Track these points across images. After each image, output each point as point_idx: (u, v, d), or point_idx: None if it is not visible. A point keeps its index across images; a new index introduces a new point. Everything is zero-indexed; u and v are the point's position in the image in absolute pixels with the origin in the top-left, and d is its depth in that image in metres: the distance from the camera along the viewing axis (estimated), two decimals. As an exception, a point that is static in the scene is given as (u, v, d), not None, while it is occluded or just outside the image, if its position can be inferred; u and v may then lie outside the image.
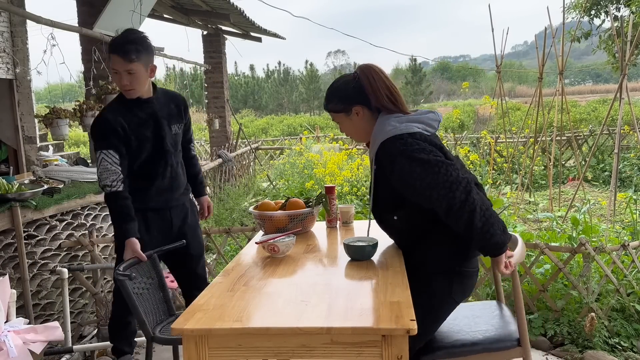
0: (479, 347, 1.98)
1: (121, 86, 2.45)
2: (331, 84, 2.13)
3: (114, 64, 2.40)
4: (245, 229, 4.21)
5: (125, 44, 2.36)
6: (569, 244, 3.89)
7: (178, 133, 2.68)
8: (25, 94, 6.61)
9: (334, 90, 2.08)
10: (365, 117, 2.03)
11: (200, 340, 1.50)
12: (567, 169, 9.15)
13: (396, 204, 1.99)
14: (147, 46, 2.44)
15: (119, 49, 2.37)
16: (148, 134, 2.53)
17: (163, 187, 2.63)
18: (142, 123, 2.52)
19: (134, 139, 2.49)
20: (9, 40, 6.36)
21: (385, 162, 1.92)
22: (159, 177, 2.61)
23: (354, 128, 2.08)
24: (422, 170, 1.83)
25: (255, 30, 9.12)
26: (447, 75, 54.16)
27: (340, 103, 2.05)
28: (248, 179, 9.09)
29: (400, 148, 1.87)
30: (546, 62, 6.49)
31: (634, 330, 3.06)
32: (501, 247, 1.84)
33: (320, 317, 1.52)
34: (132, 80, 2.41)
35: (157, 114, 2.56)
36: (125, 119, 2.47)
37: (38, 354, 2.30)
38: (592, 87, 46.50)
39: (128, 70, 2.38)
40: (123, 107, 2.51)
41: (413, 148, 1.86)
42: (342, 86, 2.06)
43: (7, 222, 2.89)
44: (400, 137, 1.89)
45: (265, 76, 47.64)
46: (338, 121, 2.11)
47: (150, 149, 2.56)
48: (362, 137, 2.11)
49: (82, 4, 4.56)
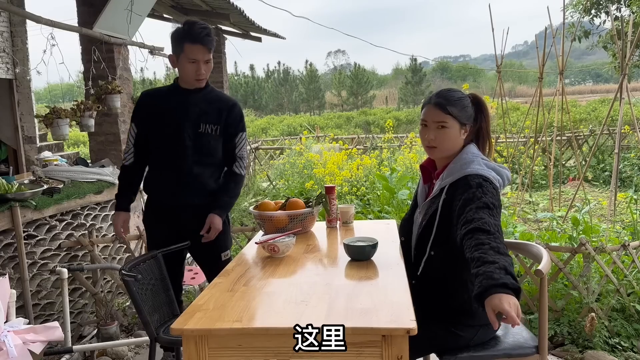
0: (501, 353, 1.97)
1: (197, 75, 2.48)
2: (453, 90, 2.06)
3: (194, 54, 2.43)
4: (245, 229, 4.20)
5: (206, 35, 2.43)
6: (569, 244, 3.89)
7: (210, 134, 2.57)
8: (25, 94, 6.60)
9: (461, 98, 2.01)
10: (463, 138, 2.02)
11: (200, 340, 1.50)
12: (567, 169, 9.15)
13: (440, 240, 1.95)
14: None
15: (201, 39, 2.42)
16: (172, 119, 2.54)
17: (172, 181, 2.58)
18: (174, 109, 2.55)
19: (157, 121, 2.56)
20: (8, 40, 6.36)
21: (461, 190, 1.89)
22: (169, 168, 2.58)
23: (456, 141, 2.01)
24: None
25: (255, 30, 9.12)
26: (447, 75, 54.17)
27: (462, 113, 1.99)
28: (248, 179, 9.09)
29: (482, 183, 1.88)
30: (546, 62, 6.49)
31: (634, 330, 3.06)
32: None
33: (320, 317, 1.51)
34: (207, 70, 2.51)
35: (190, 106, 2.55)
36: (161, 99, 2.58)
37: (38, 354, 2.30)
38: (592, 87, 46.53)
39: (207, 60, 2.48)
40: (167, 90, 2.63)
41: (489, 190, 1.87)
42: (467, 101, 2.02)
43: (7, 222, 2.89)
44: (485, 178, 1.90)
45: (265, 76, 47.69)
46: (448, 126, 1.98)
47: (168, 137, 2.55)
48: (447, 152, 2.03)
49: (82, 4, 4.56)
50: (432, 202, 2.00)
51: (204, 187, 2.60)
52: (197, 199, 2.60)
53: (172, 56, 2.53)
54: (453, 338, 1.94)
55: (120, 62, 4.76)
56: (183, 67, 2.49)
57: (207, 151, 2.58)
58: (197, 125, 2.55)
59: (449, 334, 1.94)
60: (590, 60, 50.06)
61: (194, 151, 2.55)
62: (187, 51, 2.44)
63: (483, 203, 1.80)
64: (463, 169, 1.93)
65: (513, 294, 1.52)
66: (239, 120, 2.66)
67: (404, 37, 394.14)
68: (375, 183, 6.51)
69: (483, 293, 1.53)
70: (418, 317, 1.51)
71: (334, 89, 45.32)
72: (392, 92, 45.81)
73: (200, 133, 2.56)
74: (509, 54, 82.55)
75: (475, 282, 1.58)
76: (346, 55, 68.42)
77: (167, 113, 2.55)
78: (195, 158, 2.56)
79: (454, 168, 1.97)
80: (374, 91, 44.64)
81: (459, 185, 1.90)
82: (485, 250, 1.64)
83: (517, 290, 1.53)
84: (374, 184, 6.53)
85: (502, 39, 8.64)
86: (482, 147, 2.05)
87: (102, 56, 4.47)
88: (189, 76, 2.50)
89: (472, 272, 1.62)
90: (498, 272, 1.55)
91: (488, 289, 1.53)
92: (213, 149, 2.60)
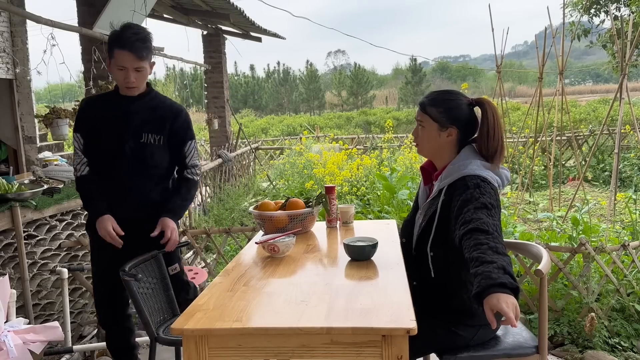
0: (501, 352, 1.98)
1: (126, 83, 2.32)
2: (445, 91, 2.05)
3: (122, 61, 2.28)
4: (245, 229, 4.21)
5: (137, 41, 2.26)
6: (569, 244, 3.89)
7: (152, 144, 2.40)
8: (25, 94, 6.61)
9: (447, 100, 2.00)
10: (451, 141, 2.00)
11: (200, 340, 1.50)
12: (567, 169, 9.15)
13: (439, 241, 1.95)
14: (152, 43, 2.38)
15: (130, 45, 2.25)
16: (112, 129, 2.38)
17: (112, 193, 2.41)
18: (113, 118, 2.38)
19: (98, 131, 2.39)
20: (9, 40, 6.36)
21: (459, 191, 1.88)
22: (108, 179, 2.42)
23: (435, 143, 2.01)
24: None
25: (255, 30, 9.12)
26: (447, 75, 54.17)
27: (444, 115, 1.97)
28: (248, 179, 9.09)
29: (480, 184, 1.87)
30: (546, 62, 6.49)
31: (634, 330, 3.06)
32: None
33: (320, 317, 1.51)
34: (138, 78, 2.34)
35: (131, 114, 2.39)
36: (102, 108, 2.42)
37: (38, 354, 2.30)
38: (592, 87, 46.53)
39: (137, 67, 2.31)
40: (107, 98, 2.50)
41: (487, 190, 1.86)
42: (457, 102, 1.99)
43: (7, 222, 2.89)
44: (483, 179, 1.90)
45: (265, 76, 47.68)
46: (424, 125, 2.01)
47: (108, 147, 2.38)
48: (432, 153, 2.06)
49: (82, 4, 4.56)
50: (432, 203, 2.00)
51: (146, 200, 2.44)
52: (138, 212, 2.42)
53: (107, 60, 2.39)
54: (453, 338, 1.95)
55: (120, 62, 4.74)
56: (113, 73, 2.35)
57: (150, 162, 2.41)
58: (138, 135, 2.38)
59: (449, 333, 1.94)
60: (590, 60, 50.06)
61: (136, 162, 2.39)
62: (116, 57, 2.29)
63: (481, 203, 1.80)
64: (460, 170, 1.93)
65: (512, 293, 1.52)
66: (186, 128, 2.49)
67: (404, 37, 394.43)
68: (375, 183, 6.52)
69: (482, 293, 1.54)
70: (418, 317, 1.51)
71: (334, 89, 45.32)
72: (392, 92, 45.78)
73: (143, 143, 2.39)
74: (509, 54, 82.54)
75: (474, 281, 1.58)
76: (346, 55, 68.46)
77: (107, 122, 2.39)
78: (137, 169, 2.40)
79: (452, 169, 1.97)
80: (374, 91, 44.62)
81: (457, 186, 1.90)
82: (484, 250, 1.64)
83: (515, 289, 1.54)
84: (374, 184, 6.53)
85: (502, 39, 8.64)
86: (486, 149, 1.98)
87: (103, 56, 4.46)
88: (119, 83, 2.37)
89: (471, 272, 1.63)
90: (496, 272, 1.55)
91: (486, 288, 1.53)
92: (157, 160, 2.43)
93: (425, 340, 1.89)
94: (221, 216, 6.27)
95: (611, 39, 12.48)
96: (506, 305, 1.48)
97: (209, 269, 3.87)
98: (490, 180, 1.92)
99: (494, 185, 1.93)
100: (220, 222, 6.07)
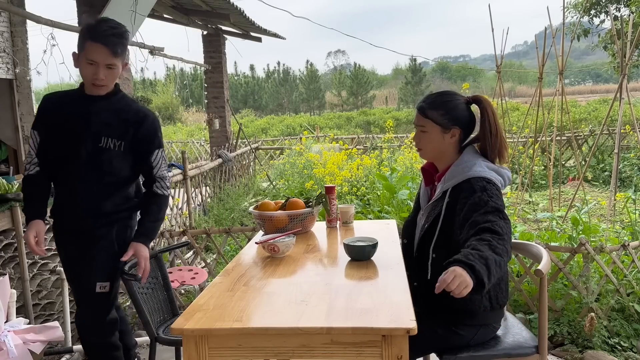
0: (501, 352, 1.98)
1: (94, 80, 2.12)
2: (441, 93, 2.05)
3: (94, 54, 2.09)
4: (245, 229, 4.21)
5: (112, 35, 2.09)
6: (569, 244, 3.89)
7: (111, 150, 2.19)
8: (25, 94, 6.61)
9: (446, 101, 2.00)
10: (454, 142, 2.00)
11: (200, 340, 1.50)
12: (567, 169, 9.15)
13: (442, 242, 1.95)
14: (127, 42, 2.21)
15: (104, 38, 2.08)
16: (71, 129, 2.19)
17: (64, 199, 2.26)
18: (74, 117, 2.20)
19: (55, 129, 2.21)
20: (9, 40, 6.36)
21: (465, 193, 1.88)
22: (62, 184, 2.25)
23: (440, 146, 2.00)
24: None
25: (255, 30, 9.12)
26: (447, 75, 54.18)
27: (446, 117, 1.97)
28: (248, 179, 9.09)
29: (486, 186, 1.87)
30: (546, 62, 6.49)
31: (634, 330, 3.06)
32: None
33: (320, 317, 1.52)
34: (108, 76, 2.14)
35: (92, 115, 2.19)
36: (63, 106, 2.23)
37: (38, 354, 2.30)
38: (592, 87, 46.53)
39: (109, 64, 2.12)
40: (71, 95, 2.27)
41: (494, 192, 1.87)
42: (455, 102, 2.00)
43: (7, 222, 2.89)
44: (489, 180, 1.90)
45: (265, 76, 47.69)
46: (427, 130, 2.00)
47: (65, 149, 2.20)
48: (436, 156, 2.05)
49: (82, 4, 4.56)
50: (435, 205, 2.00)
51: (96, 211, 2.23)
52: (86, 222, 2.23)
53: (74, 53, 2.19)
54: (453, 337, 1.95)
55: (120, 62, 4.75)
56: (81, 67, 2.15)
57: (106, 169, 2.20)
58: (97, 138, 2.17)
59: (449, 333, 1.94)
60: (590, 60, 50.06)
61: (91, 168, 2.18)
62: (87, 49, 2.09)
63: (491, 207, 1.80)
64: (465, 171, 1.93)
65: (474, 280, 1.53)
66: (153, 136, 2.25)
67: (404, 37, 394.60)
68: (375, 183, 6.52)
69: (450, 263, 1.57)
70: (418, 317, 1.51)
71: (334, 89, 45.34)
72: (392, 92, 45.79)
73: (101, 148, 2.18)
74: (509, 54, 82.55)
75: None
76: (346, 55, 68.45)
77: (67, 122, 2.20)
78: (92, 176, 2.19)
79: (455, 171, 1.96)
80: (374, 91, 44.64)
81: (463, 189, 1.90)
82: (482, 245, 1.65)
83: (480, 282, 1.54)
84: (374, 184, 6.53)
85: (502, 39, 8.64)
86: (490, 147, 1.98)
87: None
88: (86, 79, 2.17)
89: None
90: (476, 259, 1.57)
91: (455, 262, 1.56)
92: (115, 167, 2.22)
93: (425, 340, 1.89)
94: (221, 216, 6.27)
95: (611, 39, 12.48)
96: (452, 276, 1.50)
97: (209, 269, 3.87)
98: (495, 181, 1.92)
99: (498, 186, 1.93)
100: (220, 222, 6.07)
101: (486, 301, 1.93)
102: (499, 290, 1.97)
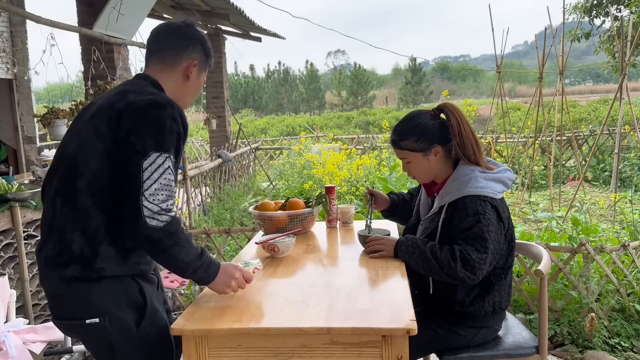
0: (501, 353, 1.98)
1: (193, 99, 1.85)
2: (406, 119, 2.01)
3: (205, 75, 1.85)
4: (245, 229, 4.20)
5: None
6: (569, 244, 3.89)
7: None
8: (24, 94, 6.61)
9: (414, 126, 1.96)
10: (441, 158, 1.98)
11: (200, 340, 1.49)
12: (567, 169, 9.15)
13: None
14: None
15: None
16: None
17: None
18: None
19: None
20: (8, 40, 6.36)
21: (457, 214, 1.87)
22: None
23: (429, 168, 1.99)
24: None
25: (255, 30, 9.13)
26: (447, 75, 54.20)
27: (420, 141, 1.95)
28: (248, 179, 9.09)
29: (479, 210, 1.84)
30: (546, 62, 6.49)
31: (634, 330, 3.06)
32: None
33: (320, 317, 1.51)
34: None
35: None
36: None
37: (38, 354, 2.30)
38: (592, 87, 46.56)
39: None
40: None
41: (485, 217, 1.83)
42: (423, 123, 1.96)
43: (7, 222, 2.89)
44: (484, 199, 1.86)
45: (265, 76, 47.74)
46: (410, 160, 1.99)
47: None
48: (431, 177, 2.03)
49: (82, 4, 4.56)
50: (432, 219, 1.99)
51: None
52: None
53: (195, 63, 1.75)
54: (453, 338, 1.95)
55: (120, 62, 4.76)
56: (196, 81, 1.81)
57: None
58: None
59: (449, 333, 1.94)
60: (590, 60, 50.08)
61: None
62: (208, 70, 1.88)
63: (474, 234, 1.83)
64: (460, 188, 1.90)
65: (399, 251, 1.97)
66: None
67: (404, 37, 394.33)
68: (375, 183, 6.52)
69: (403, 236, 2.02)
70: (418, 317, 1.51)
71: (334, 89, 45.38)
72: (392, 92, 45.86)
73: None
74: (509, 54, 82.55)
75: None
76: (346, 55, 68.46)
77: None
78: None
79: (451, 186, 1.94)
80: (374, 91, 44.70)
81: (458, 207, 1.88)
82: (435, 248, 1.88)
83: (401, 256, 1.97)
84: (373, 184, 6.53)
85: (502, 39, 8.64)
86: (463, 148, 1.94)
87: (102, 56, 4.47)
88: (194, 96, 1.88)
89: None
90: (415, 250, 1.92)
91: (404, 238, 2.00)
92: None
93: (425, 340, 1.90)
94: (221, 216, 6.27)
95: (610, 39, 12.49)
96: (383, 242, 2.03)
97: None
98: (492, 198, 1.88)
99: (496, 199, 1.89)
100: (220, 222, 6.06)
101: (489, 306, 1.93)
102: (503, 296, 1.97)
